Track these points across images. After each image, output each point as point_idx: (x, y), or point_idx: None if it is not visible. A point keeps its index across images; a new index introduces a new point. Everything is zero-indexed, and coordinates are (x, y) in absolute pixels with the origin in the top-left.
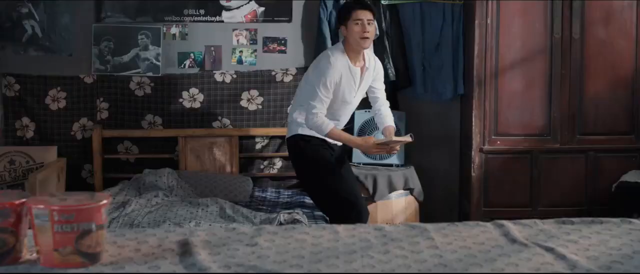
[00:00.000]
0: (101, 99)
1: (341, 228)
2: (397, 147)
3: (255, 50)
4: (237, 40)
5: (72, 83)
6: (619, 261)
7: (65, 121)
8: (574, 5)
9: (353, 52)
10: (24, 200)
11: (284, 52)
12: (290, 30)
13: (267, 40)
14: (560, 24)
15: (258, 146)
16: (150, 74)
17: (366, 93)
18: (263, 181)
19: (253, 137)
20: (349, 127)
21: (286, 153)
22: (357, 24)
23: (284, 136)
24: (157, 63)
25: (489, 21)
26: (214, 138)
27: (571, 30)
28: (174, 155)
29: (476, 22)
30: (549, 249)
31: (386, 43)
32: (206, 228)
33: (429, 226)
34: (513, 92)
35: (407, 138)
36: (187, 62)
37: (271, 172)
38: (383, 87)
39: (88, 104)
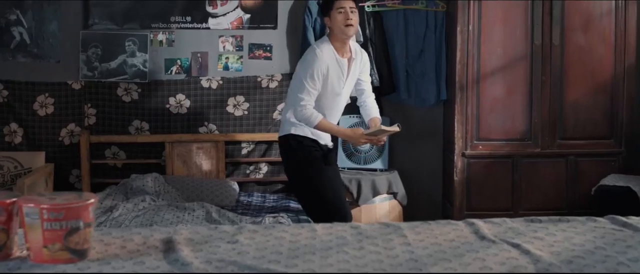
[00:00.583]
0: (89, 105)
1: (319, 226)
2: (384, 138)
3: (241, 57)
4: (223, 47)
5: (60, 89)
6: (580, 256)
7: (53, 127)
8: (554, 12)
9: (339, 43)
10: (14, 199)
11: (269, 58)
12: (276, 37)
13: (252, 46)
14: (541, 31)
15: (244, 151)
16: (137, 80)
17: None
18: (249, 185)
19: (239, 142)
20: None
21: (272, 158)
22: (340, 12)
23: (270, 141)
24: (144, 69)
25: (470, 28)
26: (200, 143)
27: (551, 37)
28: (161, 160)
29: (458, 29)
30: (516, 245)
31: (370, 50)
32: (189, 226)
33: (403, 225)
34: (495, 98)
35: (395, 128)
36: (174, 69)
37: (257, 177)
38: (369, 79)
39: (76, 109)
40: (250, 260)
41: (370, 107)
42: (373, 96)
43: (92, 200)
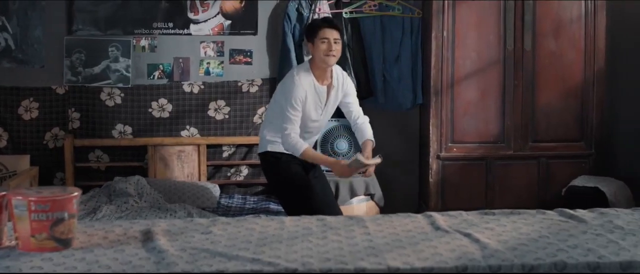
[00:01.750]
0: (73, 109)
1: (287, 219)
2: (372, 170)
3: (222, 62)
4: (205, 53)
5: (45, 94)
6: (525, 244)
7: (38, 131)
8: (526, 19)
9: (319, 70)
10: (4, 193)
11: (249, 63)
12: (256, 43)
13: (233, 52)
14: (513, 36)
15: (225, 154)
16: (120, 85)
17: (340, 108)
18: (230, 187)
19: (220, 145)
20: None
21: (252, 161)
22: (324, 42)
23: (251, 144)
24: (127, 74)
25: (445, 34)
26: (182, 147)
27: (523, 42)
28: (144, 163)
29: (433, 34)
30: (467, 235)
31: (348, 55)
32: (167, 220)
33: (366, 218)
34: (468, 102)
35: (377, 160)
36: (156, 74)
37: (238, 179)
38: (356, 101)
39: (60, 114)
40: (221, 248)
41: (363, 130)
42: (366, 118)
43: (76, 193)
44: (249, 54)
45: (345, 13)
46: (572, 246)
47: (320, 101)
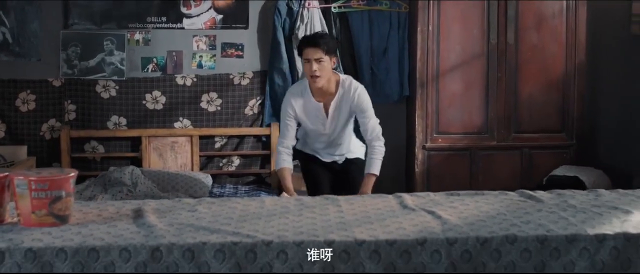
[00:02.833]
0: (69, 101)
1: (267, 199)
2: None
3: (214, 55)
4: (197, 46)
5: (41, 86)
6: (482, 220)
7: (35, 122)
8: (509, 13)
9: (314, 87)
10: (6, 174)
11: (241, 57)
12: (247, 37)
13: (225, 45)
14: (496, 30)
15: (217, 145)
16: (115, 77)
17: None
18: (222, 178)
19: (212, 136)
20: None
21: (244, 152)
22: (307, 62)
23: (242, 135)
24: (122, 67)
25: (430, 28)
26: (175, 138)
27: (506, 36)
28: (138, 154)
29: (418, 29)
30: (431, 212)
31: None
32: (156, 200)
33: (340, 198)
34: (453, 94)
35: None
36: (150, 67)
37: (229, 169)
38: (370, 119)
39: (56, 106)
40: (205, 223)
41: (370, 158)
42: (379, 141)
43: (72, 174)
44: (240, 47)
45: (334, 8)
46: (526, 221)
47: (318, 116)
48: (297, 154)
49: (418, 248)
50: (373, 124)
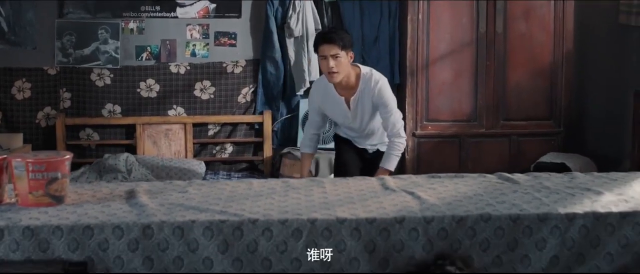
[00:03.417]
0: (64, 89)
1: (255, 181)
2: None
3: (207, 44)
4: (191, 35)
5: (37, 74)
6: (459, 200)
7: (31, 110)
8: (497, 2)
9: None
10: (5, 156)
11: (234, 45)
12: (240, 26)
13: (218, 34)
14: (485, 19)
15: (210, 132)
16: (109, 66)
17: None
18: (215, 164)
19: (206, 124)
20: (295, 114)
21: (237, 139)
22: (323, 59)
23: (235, 123)
24: (116, 56)
25: (420, 17)
26: (169, 125)
27: (495, 25)
28: (132, 141)
29: (409, 17)
30: (410, 193)
31: None
32: (149, 182)
33: (325, 180)
34: (443, 82)
35: None
36: (144, 55)
37: (223, 156)
38: (390, 114)
39: (52, 94)
40: (195, 203)
41: (387, 154)
42: (399, 136)
43: (68, 156)
44: (233, 36)
45: None
46: (501, 201)
47: (342, 110)
48: (334, 136)
49: (397, 226)
50: (394, 119)
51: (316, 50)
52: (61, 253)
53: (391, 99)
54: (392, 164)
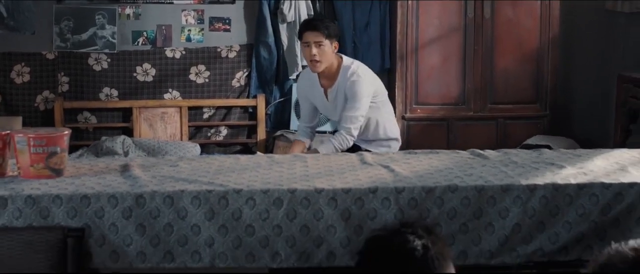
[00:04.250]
0: (62, 73)
1: (243, 157)
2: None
3: (202, 29)
4: (186, 20)
5: (35, 59)
6: (430, 173)
7: (30, 94)
8: None
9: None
10: (8, 132)
11: (228, 30)
12: (234, 11)
13: (213, 20)
14: (473, 5)
15: (205, 116)
16: (106, 50)
17: None
18: (210, 147)
19: (201, 107)
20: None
21: (231, 122)
22: (306, 46)
23: (229, 106)
24: (113, 41)
25: (410, 2)
26: (165, 109)
27: (483, 10)
28: (129, 124)
29: (398, 3)
30: (386, 167)
31: None
32: (143, 158)
33: (308, 156)
34: (432, 66)
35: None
36: (141, 40)
37: (217, 139)
38: (349, 112)
39: (50, 78)
40: (184, 176)
41: (327, 138)
42: (349, 135)
43: (67, 132)
44: (227, 21)
45: None
46: (468, 174)
47: (322, 102)
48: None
49: (370, 195)
50: (354, 117)
51: (300, 37)
52: (61, 220)
53: (362, 96)
54: (324, 148)
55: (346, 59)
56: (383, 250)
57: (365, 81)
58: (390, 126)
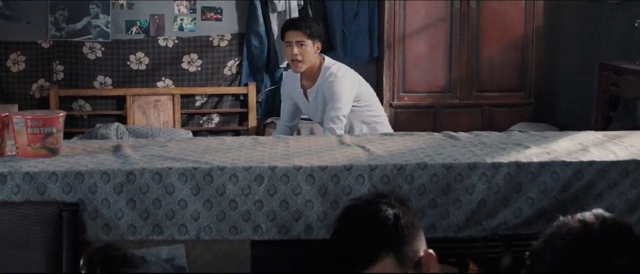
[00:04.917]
0: (57, 62)
1: (228, 138)
2: None
3: (194, 19)
4: (179, 10)
5: (31, 48)
6: (403, 152)
7: (25, 82)
8: None
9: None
10: (7, 113)
11: (220, 20)
12: (225, 1)
13: (205, 9)
14: None
15: (198, 104)
16: (101, 39)
17: None
18: (202, 134)
19: (193, 95)
20: (278, 86)
21: (223, 110)
22: (288, 45)
23: (221, 94)
24: (107, 30)
25: None
26: (158, 96)
27: (469, 0)
28: (123, 111)
29: None
30: (362, 147)
31: (309, 12)
32: (134, 139)
33: (290, 137)
34: (419, 55)
35: None
36: (134, 29)
37: (209, 126)
38: (331, 111)
39: (45, 66)
40: (172, 155)
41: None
42: (332, 132)
43: (62, 114)
44: (219, 11)
45: None
46: (439, 153)
47: (304, 101)
48: None
49: (345, 172)
50: (331, 115)
51: (282, 37)
52: (56, 196)
53: (341, 95)
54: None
55: (328, 60)
56: (358, 217)
57: (344, 80)
58: (383, 130)
